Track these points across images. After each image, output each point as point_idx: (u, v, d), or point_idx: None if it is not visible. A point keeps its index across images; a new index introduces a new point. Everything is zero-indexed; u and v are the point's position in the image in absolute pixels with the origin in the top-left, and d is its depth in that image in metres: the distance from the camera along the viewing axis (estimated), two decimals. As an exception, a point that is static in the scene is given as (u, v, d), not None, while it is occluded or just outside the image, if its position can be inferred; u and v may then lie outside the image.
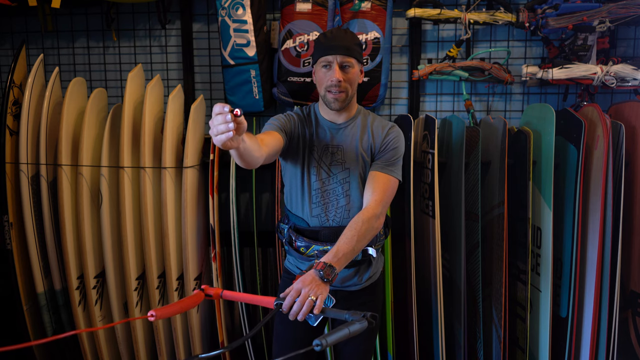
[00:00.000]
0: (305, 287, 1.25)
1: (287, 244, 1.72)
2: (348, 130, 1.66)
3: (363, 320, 1.09)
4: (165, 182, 2.19)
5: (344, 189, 1.64)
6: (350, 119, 1.67)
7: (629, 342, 2.31)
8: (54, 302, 2.32)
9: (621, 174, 2.13)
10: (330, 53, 1.56)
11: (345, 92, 1.57)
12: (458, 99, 2.66)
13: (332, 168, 1.64)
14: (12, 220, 2.19)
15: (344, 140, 1.65)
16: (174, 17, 2.64)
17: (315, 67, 1.63)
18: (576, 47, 2.35)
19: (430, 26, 2.60)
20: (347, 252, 1.40)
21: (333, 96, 1.58)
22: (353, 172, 1.64)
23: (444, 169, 2.31)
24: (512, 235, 2.26)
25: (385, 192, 1.57)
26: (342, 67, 1.56)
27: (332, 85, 1.56)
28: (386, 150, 1.63)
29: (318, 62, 1.60)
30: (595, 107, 2.17)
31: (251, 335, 1.07)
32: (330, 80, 1.56)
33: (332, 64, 1.56)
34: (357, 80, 1.63)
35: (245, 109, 2.51)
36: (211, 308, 2.50)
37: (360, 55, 1.62)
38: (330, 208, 1.65)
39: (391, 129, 1.66)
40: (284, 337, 1.71)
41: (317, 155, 1.65)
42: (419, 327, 2.20)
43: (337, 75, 1.54)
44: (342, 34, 1.59)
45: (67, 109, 2.17)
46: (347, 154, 1.64)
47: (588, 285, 2.12)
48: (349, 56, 1.56)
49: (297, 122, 1.66)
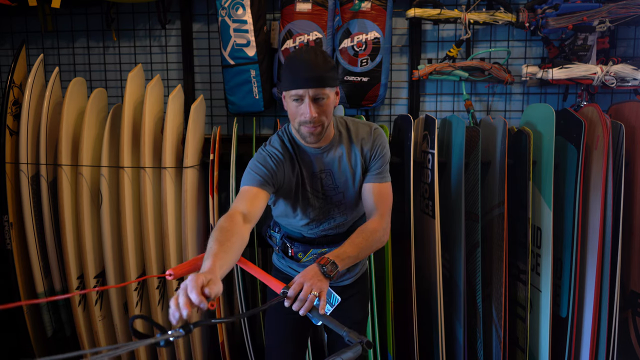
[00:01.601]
0: (307, 282, 1.23)
1: (281, 251, 1.71)
2: (332, 152, 1.54)
3: (358, 347, 1.08)
4: (165, 182, 2.19)
5: (339, 209, 1.60)
6: (332, 140, 1.54)
7: (629, 342, 2.31)
8: (54, 302, 2.31)
9: (621, 174, 2.13)
10: (300, 86, 1.37)
11: (321, 125, 1.42)
12: (458, 99, 2.66)
13: (324, 192, 1.57)
14: (12, 220, 2.19)
15: (332, 164, 1.54)
16: (174, 17, 2.64)
17: (285, 96, 1.44)
18: (576, 47, 2.35)
19: (430, 26, 2.60)
20: (352, 256, 1.37)
21: (308, 130, 1.42)
22: (347, 193, 1.57)
23: (444, 169, 2.31)
24: (512, 235, 2.26)
25: (386, 202, 1.54)
26: (315, 100, 1.38)
27: (305, 122, 1.41)
28: (377, 158, 1.55)
29: (287, 94, 1.41)
30: (595, 107, 2.17)
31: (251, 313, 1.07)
32: (303, 117, 1.40)
33: (303, 97, 1.38)
34: (333, 106, 1.46)
35: (245, 109, 2.51)
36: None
37: (335, 78, 1.43)
38: (326, 226, 1.62)
39: (375, 132, 1.56)
40: (277, 329, 1.73)
41: (308, 187, 1.55)
42: (419, 327, 2.20)
43: (310, 113, 1.38)
44: (314, 60, 1.38)
45: (67, 109, 2.17)
46: (337, 178, 1.55)
47: (588, 285, 2.12)
48: (322, 87, 1.38)
49: (283, 164, 1.50)
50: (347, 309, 1.70)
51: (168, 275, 1.12)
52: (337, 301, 1.35)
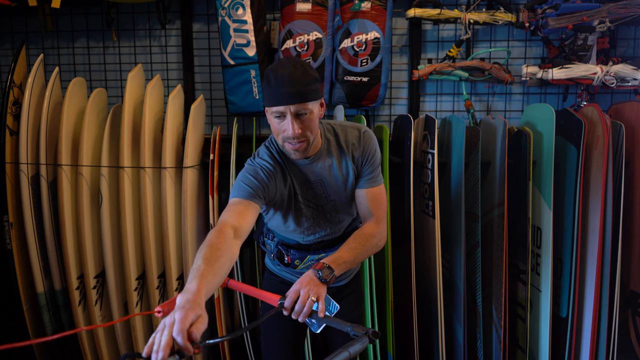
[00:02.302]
0: (304, 288, 1.23)
1: (277, 259, 1.68)
2: (322, 161, 1.50)
3: (364, 339, 1.07)
4: (165, 182, 2.19)
5: (332, 216, 1.59)
6: (320, 149, 1.50)
7: (629, 342, 2.31)
8: (54, 302, 2.32)
9: (621, 174, 2.13)
10: (281, 103, 1.33)
11: (306, 141, 1.38)
12: (458, 99, 2.66)
13: (316, 202, 1.55)
14: (12, 220, 2.19)
15: (322, 173, 1.51)
16: (174, 17, 2.64)
17: (267, 111, 1.40)
18: (576, 47, 2.35)
19: (430, 26, 2.60)
20: (348, 261, 1.36)
21: (292, 147, 1.39)
22: (339, 200, 1.56)
23: (444, 169, 2.31)
24: (512, 235, 2.26)
25: (381, 206, 1.53)
26: (297, 116, 1.34)
27: (288, 138, 1.37)
28: (368, 163, 1.52)
29: (269, 109, 1.37)
30: (595, 107, 2.17)
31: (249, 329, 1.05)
32: (286, 133, 1.36)
33: (285, 114, 1.34)
34: (318, 118, 1.42)
35: (245, 109, 2.51)
36: (211, 308, 2.50)
37: (317, 91, 1.38)
38: (321, 233, 1.61)
39: (364, 136, 1.52)
40: (274, 335, 1.72)
41: (300, 198, 1.53)
42: (419, 327, 2.20)
43: (293, 130, 1.34)
44: (292, 74, 1.32)
45: (67, 109, 2.17)
46: (329, 187, 1.53)
47: (588, 285, 2.12)
48: (304, 102, 1.33)
49: (275, 177, 1.46)
50: (342, 307, 1.70)
51: (157, 312, 1.05)
52: (335, 309, 1.33)
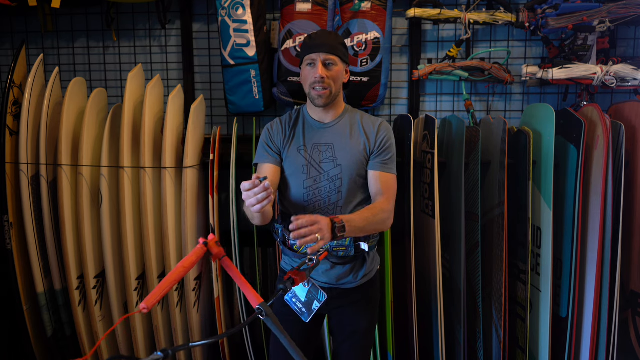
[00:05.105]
0: (318, 223, 1.32)
1: (282, 243, 1.73)
2: (337, 128, 1.69)
3: None
4: (165, 182, 2.19)
5: (335, 186, 1.64)
6: (338, 117, 1.70)
7: (629, 342, 2.31)
8: (54, 302, 2.32)
9: (621, 174, 2.13)
10: (314, 51, 1.61)
11: (329, 88, 1.61)
12: (458, 99, 2.66)
13: (322, 165, 1.65)
14: (12, 220, 2.19)
15: (334, 138, 1.67)
16: (174, 17, 2.64)
17: (302, 67, 1.68)
18: (576, 47, 2.35)
19: (430, 26, 2.61)
20: (359, 226, 1.46)
21: (317, 93, 1.62)
22: (345, 169, 1.64)
23: (444, 169, 2.31)
24: (512, 235, 2.26)
25: (391, 190, 1.64)
26: (325, 65, 1.61)
27: (315, 82, 1.61)
28: (382, 149, 1.66)
29: (304, 61, 1.65)
30: (595, 107, 2.17)
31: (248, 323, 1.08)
32: (314, 77, 1.61)
33: (315, 61, 1.61)
34: (342, 78, 1.67)
35: (245, 109, 2.51)
36: (211, 308, 2.50)
37: (345, 55, 1.67)
38: (322, 205, 1.65)
39: (381, 125, 1.69)
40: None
41: (307, 154, 1.66)
42: (419, 327, 2.20)
43: (320, 72, 1.59)
44: (327, 34, 1.67)
45: (67, 109, 2.17)
46: (338, 151, 1.66)
47: (588, 285, 2.12)
48: (332, 54, 1.61)
49: (280, 133, 1.71)
50: (348, 314, 1.69)
51: (143, 308, 1.06)
52: (324, 297, 1.50)
